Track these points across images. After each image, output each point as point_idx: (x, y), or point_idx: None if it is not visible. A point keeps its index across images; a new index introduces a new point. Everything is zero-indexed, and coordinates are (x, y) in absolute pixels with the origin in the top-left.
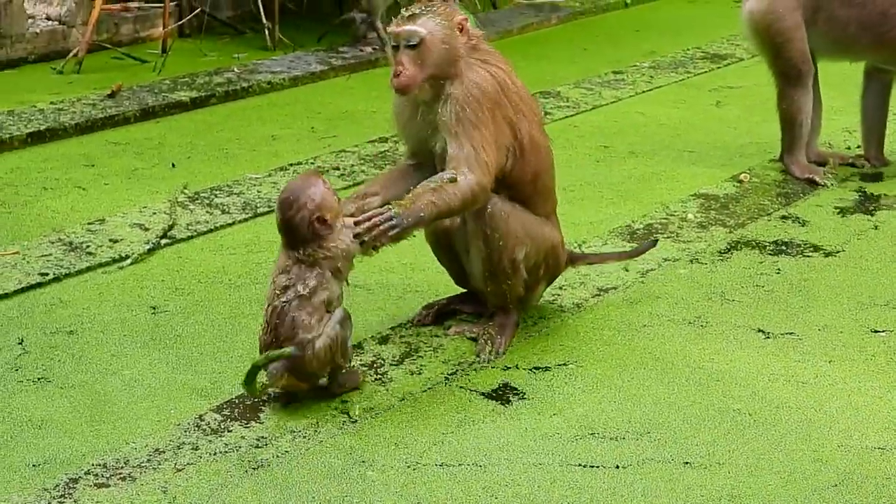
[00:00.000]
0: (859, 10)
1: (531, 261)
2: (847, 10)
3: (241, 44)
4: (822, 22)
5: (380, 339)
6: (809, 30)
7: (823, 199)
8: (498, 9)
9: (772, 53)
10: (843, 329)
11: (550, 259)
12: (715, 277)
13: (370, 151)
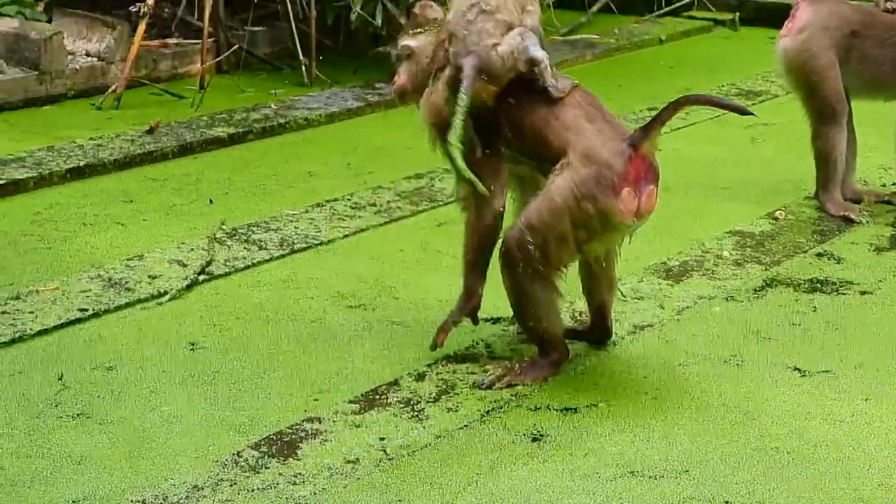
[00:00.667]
0: (893, 51)
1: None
2: (881, 49)
3: (278, 80)
4: (856, 61)
5: (416, 375)
6: (843, 68)
7: (859, 237)
8: None
9: (806, 91)
10: (880, 367)
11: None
12: (750, 315)
13: (406, 187)
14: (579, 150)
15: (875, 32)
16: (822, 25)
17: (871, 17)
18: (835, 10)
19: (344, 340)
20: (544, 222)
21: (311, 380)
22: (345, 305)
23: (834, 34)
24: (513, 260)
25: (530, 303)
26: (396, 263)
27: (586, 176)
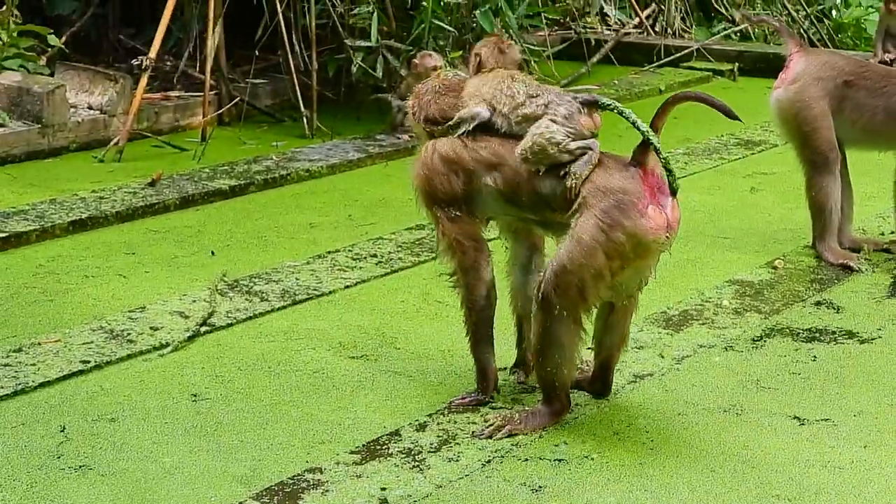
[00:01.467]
0: (886, 100)
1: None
2: (874, 99)
3: (280, 132)
4: (850, 111)
5: (417, 425)
6: (837, 118)
7: (858, 285)
8: None
9: (799, 141)
10: (879, 415)
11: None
12: (750, 365)
13: (407, 238)
14: (590, 188)
15: (868, 82)
16: (815, 76)
17: (865, 68)
18: (828, 61)
19: (345, 391)
20: (578, 263)
21: (313, 430)
22: (346, 356)
23: (827, 84)
24: (550, 305)
25: (556, 348)
26: (397, 314)
27: (607, 207)
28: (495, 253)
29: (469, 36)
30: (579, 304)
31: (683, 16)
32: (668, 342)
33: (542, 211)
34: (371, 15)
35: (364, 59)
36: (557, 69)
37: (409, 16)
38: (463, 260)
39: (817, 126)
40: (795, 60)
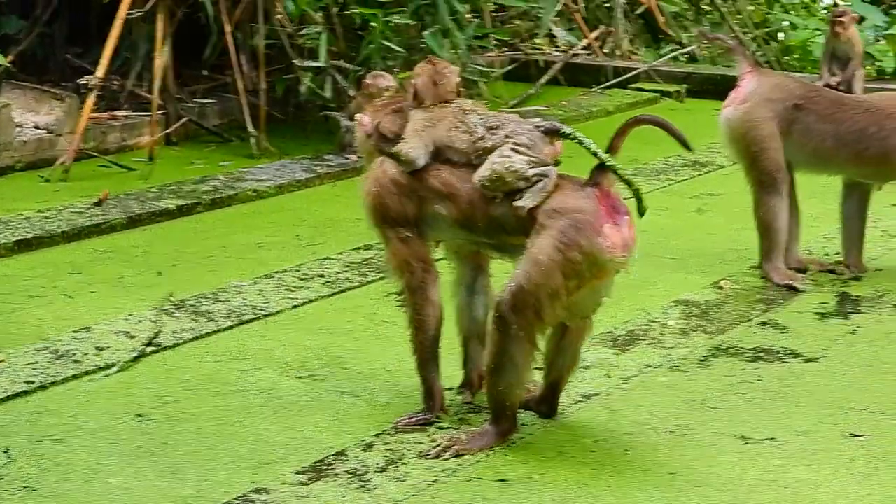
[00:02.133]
0: (836, 126)
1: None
2: (823, 124)
3: (228, 152)
4: (799, 134)
5: (364, 446)
6: (786, 141)
7: (803, 306)
8: None
9: (748, 161)
10: (823, 434)
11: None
12: (696, 385)
13: (355, 259)
14: (546, 209)
15: (818, 107)
16: (765, 97)
17: (816, 92)
18: (779, 83)
19: (292, 411)
20: (535, 283)
21: (260, 450)
22: (293, 376)
23: (776, 106)
24: (506, 324)
25: (510, 367)
26: (345, 334)
27: (563, 227)
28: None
29: (418, 56)
30: (535, 324)
31: (631, 38)
32: (615, 362)
33: (498, 235)
34: (320, 35)
35: (313, 79)
36: (506, 90)
37: (357, 36)
38: (411, 280)
39: (766, 147)
40: (747, 80)
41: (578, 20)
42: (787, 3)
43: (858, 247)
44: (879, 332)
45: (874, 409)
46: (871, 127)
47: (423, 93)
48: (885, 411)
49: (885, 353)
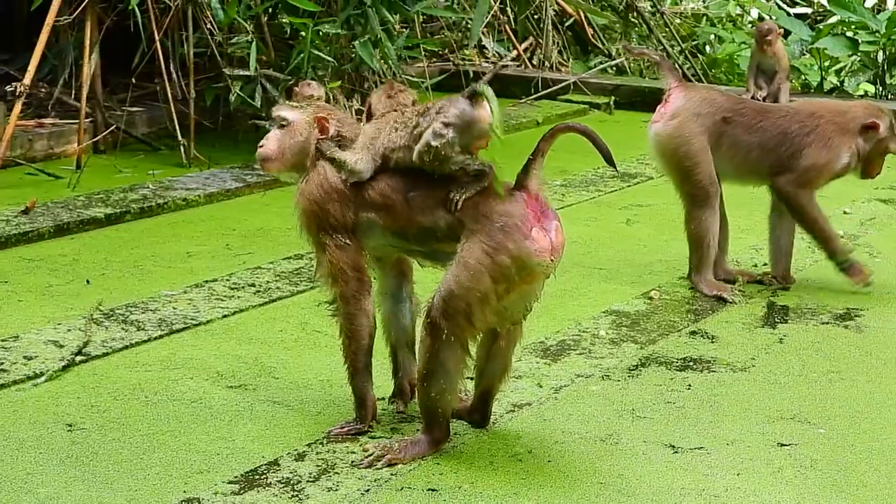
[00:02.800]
0: (761, 136)
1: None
2: (750, 136)
3: (157, 160)
4: (727, 147)
5: (296, 455)
6: (715, 154)
7: (731, 316)
8: None
9: (680, 176)
10: (751, 443)
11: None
12: (626, 394)
13: (286, 268)
14: (474, 214)
15: (744, 119)
16: (694, 112)
17: (741, 104)
18: (706, 97)
19: (224, 420)
20: (465, 287)
21: (191, 460)
22: (224, 385)
23: (705, 120)
24: (438, 329)
25: (442, 374)
26: (276, 343)
27: (492, 231)
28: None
29: (348, 66)
30: (466, 329)
31: (561, 49)
32: (546, 372)
33: (429, 242)
34: (250, 44)
35: (242, 88)
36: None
37: (288, 45)
38: (345, 290)
39: (698, 161)
40: (675, 95)
41: (508, 31)
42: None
43: (786, 258)
44: (806, 342)
45: (802, 418)
46: (793, 126)
47: (377, 110)
48: (813, 420)
49: (813, 363)
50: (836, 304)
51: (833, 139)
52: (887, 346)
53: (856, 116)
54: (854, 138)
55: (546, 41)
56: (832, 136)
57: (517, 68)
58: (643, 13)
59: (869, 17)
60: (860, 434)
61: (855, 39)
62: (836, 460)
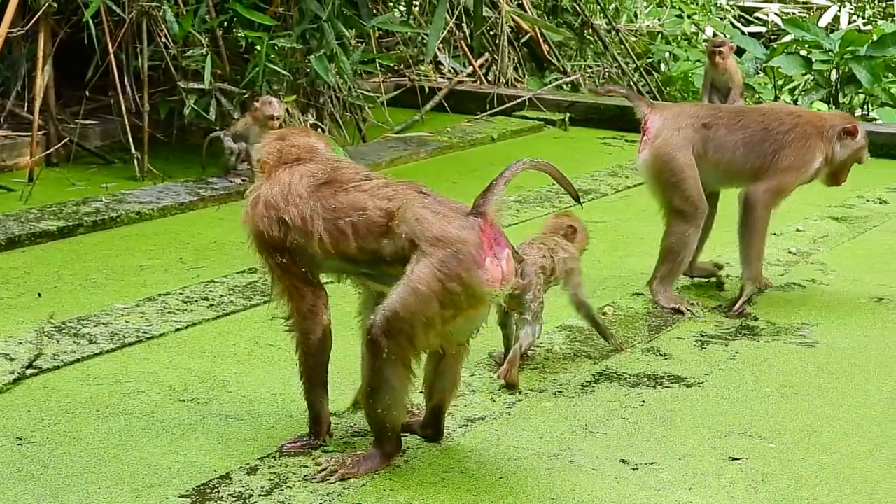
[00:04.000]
0: (744, 132)
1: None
2: (732, 135)
3: (110, 173)
4: (713, 151)
5: (248, 469)
6: (702, 162)
7: (685, 332)
8: (367, 142)
9: (668, 191)
10: (703, 457)
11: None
12: (580, 409)
13: (239, 282)
14: (428, 236)
15: (724, 121)
16: (673, 127)
17: (717, 110)
18: (681, 111)
19: (176, 434)
20: (411, 311)
21: (142, 474)
22: (177, 399)
23: (687, 132)
24: (379, 348)
25: (386, 390)
26: (229, 357)
27: (445, 257)
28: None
29: (303, 81)
30: (408, 349)
31: (516, 66)
32: (500, 385)
33: (378, 265)
34: (204, 58)
35: (197, 101)
36: (391, 116)
37: (243, 59)
38: (301, 305)
39: (685, 176)
40: (651, 119)
41: (464, 47)
42: (669, 34)
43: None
44: (759, 358)
45: (753, 433)
46: (773, 123)
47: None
48: (763, 434)
49: (765, 378)
50: (788, 321)
51: (810, 140)
52: (838, 361)
53: (834, 122)
54: (830, 143)
55: (502, 57)
56: (810, 137)
57: (473, 84)
58: (598, 30)
59: (822, 36)
60: (810, 448)
61: (808, 58)
62: (786, 474)
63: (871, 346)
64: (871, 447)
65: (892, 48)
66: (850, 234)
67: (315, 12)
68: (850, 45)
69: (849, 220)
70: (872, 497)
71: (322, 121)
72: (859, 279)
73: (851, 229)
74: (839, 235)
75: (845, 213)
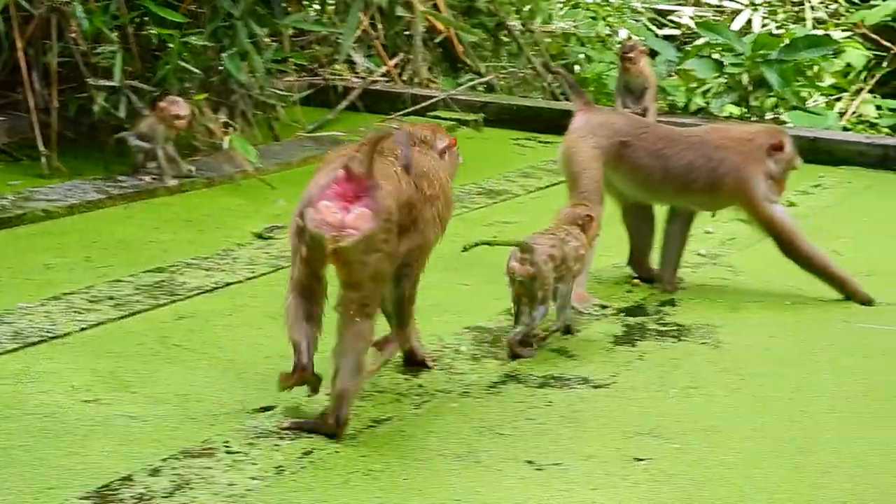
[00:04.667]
0: (664, 161)
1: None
2: (652, 160)
3: (17, 171)
4: (627, 169)
5: (151, 470)
6: (615, 173)
7: (592, 333)
8: (279, 141)
9: (569, 182)
10: (608, 458)
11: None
12: (486, 410)
13: (147, 281)
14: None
15: (645, 143)
16: (591, 132)
17: (644, 129)
18: (605, 121)
19: (77, 435)
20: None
21: (42, 475)
22: (79, 399)
23: (601, 141)
24: None
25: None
26: (134, 357)
27: (302, 194)
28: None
29: (215, 79)
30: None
31: (430, 66)
32: (408, 387)
33: None
34: (115, 55)
35: (107, 98)
36: (304, 115)
37: (154, 57)
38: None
39: (585, 171)
40: (578, 117)
41: (378, 47)
42: (583, 36)
43: (674, 266)
44: (665, 358)
45: (657, 434)
46: (699, 159)
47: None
48: (668, 435)
49: (672, 378)
50: (696, 321)
51: (743, 168)
52: (744, 361)
53: (761, 142)
54: (763, 163)
55: (416, 57)
56: (743, 165)
57: (386, 84)
58: (513, 31)
59: (735, 39)
60: (714, 448)
61: (721, 61)
62: (689, 474)
63: (775, 346)
64: (773, 447)
65: (802, 52)
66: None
67: (228, 10)
68: (762, 48)
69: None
70: (774, 496)
71: (234, 119)
72: (767, 281)
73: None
74: (747, 237)
75: None
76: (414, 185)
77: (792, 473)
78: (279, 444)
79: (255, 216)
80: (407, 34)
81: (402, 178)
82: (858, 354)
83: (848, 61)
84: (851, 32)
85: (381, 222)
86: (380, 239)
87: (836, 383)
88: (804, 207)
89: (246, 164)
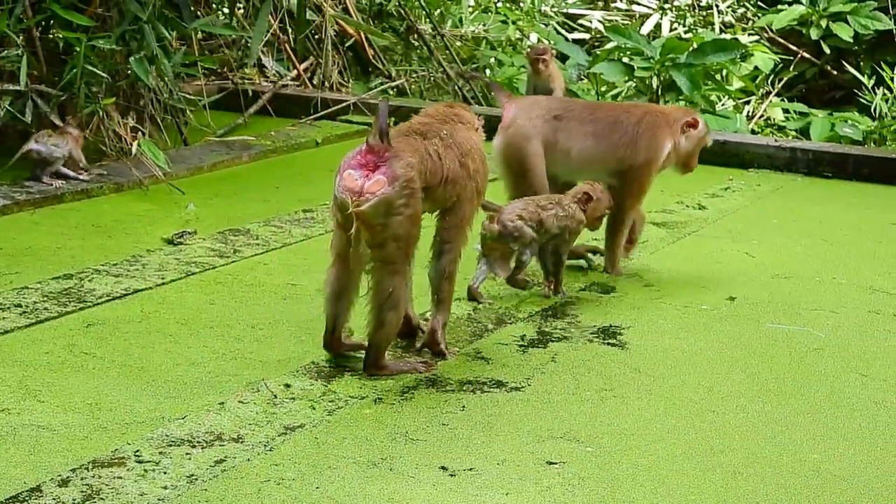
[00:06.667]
0: (595, 125)
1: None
2: (583, 126)
3: None
4: (563, 141)
5: (60, 481)
6: (552, 151)
7: (505, 336)
8: (189, 145)
9: (514, 179)
10: (521, 462)
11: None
12: (400, 416)
13: (54, 288)
14: None
15: (575, 113)
16: (526, 116)
17: (570, 103)
18: (534, 102)
19: None
20: None
21: None
22: None
23: (537, 122)
24: None
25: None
26: (41, 366)
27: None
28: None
29: (123, 83)
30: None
31: (341, 70)
32: (321, 393)
33: None
34: (20, 58)
35: (12, 103)
36: (214, 119)
37: (61, 60)
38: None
39: (531, 165)
40: (507, 109)
41: (288, 51)
42: (494, 40)
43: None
44: (578, 360)
45: (570, 437)
46: (622, 115)
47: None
48: (581, 438)
49: (585, 381)
50: (607, 323)
51: (658, 131)
52: (654, 363)
53: (677, 116)
54: (675, 135)
55: (326, 61)
56: (658, 128)
57: (297, 88)
58: (423, 35)
59: (644, 43)
60: (627, 451)
61: (630, 65)
62: (603, 477)
63: (684, 347)
64: (685, 448)
65: (711, 56)
66: (669, 238)
67: (135, 13)
68: (671, 52)
69: (668, 226)
70: (687, 498)
71: (143, 124)
72: (676, 283)
73: (671, 234)
74: (659, 240)
75: (665, 218)
76: (458, 163)
77: (704, 475)
78: (191, 453)
79: (165, 221)
80: (317, 38)
81: (445, 157)
82: (768, 355)
83: (756, 65)
84: (759, 36)
85: (397, 188)
86: (398, 203)
87: (746, 384)
88: (713, 210)
89: (155, 169)
